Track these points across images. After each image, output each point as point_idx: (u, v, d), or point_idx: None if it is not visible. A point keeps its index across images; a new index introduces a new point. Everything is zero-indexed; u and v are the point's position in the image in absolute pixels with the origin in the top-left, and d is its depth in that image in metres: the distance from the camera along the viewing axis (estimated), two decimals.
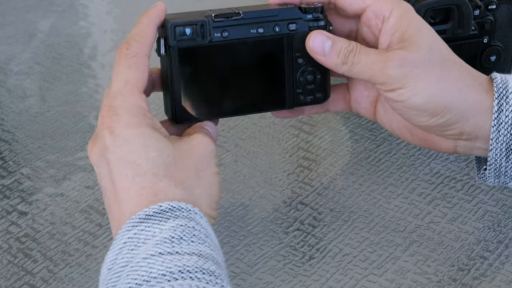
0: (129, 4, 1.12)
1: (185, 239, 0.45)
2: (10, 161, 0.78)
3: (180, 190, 0.49)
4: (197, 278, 0.42)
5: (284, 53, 0.58)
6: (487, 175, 0.56)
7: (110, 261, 0.45)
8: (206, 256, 0.44)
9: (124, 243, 0.45)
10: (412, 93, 0.53)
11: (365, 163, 0.74)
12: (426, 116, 0.54)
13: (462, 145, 0.57)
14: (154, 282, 0.41)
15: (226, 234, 0.66)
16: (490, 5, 0.76)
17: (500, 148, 0.53)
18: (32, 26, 1.06)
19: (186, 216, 0.46)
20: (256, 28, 0.57)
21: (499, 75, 0.53)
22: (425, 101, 0.53)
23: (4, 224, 0.70)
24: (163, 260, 0.43)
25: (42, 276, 0.63)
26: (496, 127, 0.52)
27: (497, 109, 0.52)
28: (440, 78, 0.53)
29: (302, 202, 0.70)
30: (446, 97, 0.53)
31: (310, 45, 0.57)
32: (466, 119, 0.54)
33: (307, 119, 0.81)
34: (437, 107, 0.53)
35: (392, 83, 0.53)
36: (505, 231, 0.65)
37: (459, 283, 0.60)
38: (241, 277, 0.62)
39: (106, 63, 0.96)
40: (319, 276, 0.62)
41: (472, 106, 0.53)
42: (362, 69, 0.55)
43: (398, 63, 0.53)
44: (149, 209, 0.47)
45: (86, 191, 0.73)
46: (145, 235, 0.45)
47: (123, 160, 0.49)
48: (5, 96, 0.90)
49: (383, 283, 0.61)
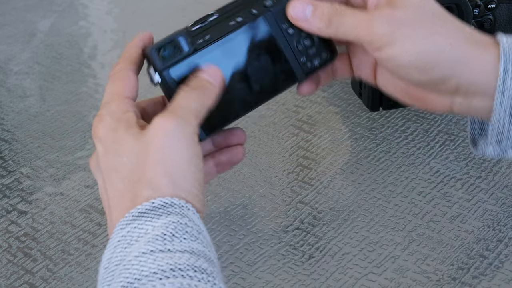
0: (129, 4, 1.12)
1: (177, 236, 0.45)
2: (10, 160, 0.78)
3: (148, 191, 0.48)
4: (188, 276, 0.42)
5: (272, 31, 0.57)
6: (488, 141, 0.55)
7: (106, 260, 0.45)
8: (198, 253, 0.44)
9: (118, 241, 0.46)
10: (400, 50, 0.52)
11: (365, 162, 0.74)
12: (417, 73, 0.53)
13: (458, 103, 0.56)
14: (145, 280, 0.41)
15: (226, 233, 0.67)
16: (490, 4, 0.76)
17: (504, 111, 0.52)
18: (32, 26, 1.06)
19: (178, 212, 0.47)
20: (235, 19, 0.56)
21: (505, 38, 0.52)
22: (414, 58, 0.52)
23: (4, 223, 0.70)
24: (155, 258, 0.43)
25: (41, 275, 0.63)
26: (501, 91, 0.52)
27: (503, 72, 0.51)
28: (429, 34, 0.52)
29: (302, 201, 0.70)
30: (436, 52, 0.52)
31: (291, 13, 0.56)
32: (460, 73, 0.53)
33: (306, 118, 0.81)
34: (427, 63, 0.52)
35: (379, 41, 0.52)
36: (504, 230, 0.65)
37: (459, 282, 0.60)
38: (240, 276, 0.62)
39: (106, 63, 0.97)
40: (318, 275, 0.62)
41: (467, 61, 0.53)
42: (348, 30, 0.54)
43: (384, 20, 0.52)
44: (142, 206, 0.47)
45: (85, 190, 0.73)
46: (138, 232, 0.45)
47: (109, 168, 0.50)
48: (5, 95, 0.90)
49: (383, 282, 0.61)
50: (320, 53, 0.59)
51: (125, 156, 0.49)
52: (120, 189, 0.49)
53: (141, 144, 0.49)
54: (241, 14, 0.56)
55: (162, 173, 0.48)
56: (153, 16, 1.08)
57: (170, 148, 0.48)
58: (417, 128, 0.78)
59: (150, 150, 0.49)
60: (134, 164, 0.49)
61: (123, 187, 0.49)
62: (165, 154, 0.48)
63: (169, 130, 0.49)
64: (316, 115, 0.82)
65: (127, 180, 0.49)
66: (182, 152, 0.48)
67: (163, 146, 0.48)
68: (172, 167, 0.48)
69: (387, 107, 0.80)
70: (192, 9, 1.09)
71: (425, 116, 0.80)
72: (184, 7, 1.10)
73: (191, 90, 0.52)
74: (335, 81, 0.87)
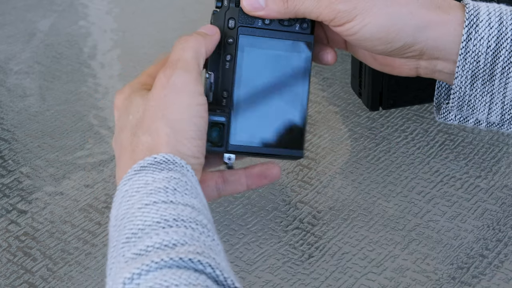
0: (129, 4, 1.12)
1: (179, 191, 0.45)
2: (10, 160, 0.78)
3: (146, 136, 0.50)
4: (191, 228, 0.42)
5: (241, 43, 0.56)
6: (450, 106, 0.55)
7: (114, 218, 0.46)
8: (198, 209, 0.45)
9: (122, 197, 0.47)
10: (362, 25, 0.53)
11: (365, 161, 0.74)
12: (380, 44, 0.53)
13: (423, 66, 0.56)
14: (149, 229, 0.42)
15: (226, 232, 0.67)
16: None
17: (466, 76, 0.53)
18: (32, 26, 1.06)
19: (179, 171, 0.47)
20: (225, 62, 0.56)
21: (471, 2, 0.53)
22: (376, 31, 0.53)
23: (4, 222, 0.70)
24: (158, 208, 0.44)
25: (41, 275, 0.63)
26: (463, 56, 0.52)
27: (466, 37, 0.51)
28: (388, 3, 0.52)
29: (302, 200, 0.70)
30: (397, 22, 0.52)
31: (245, 5, 0.56)
32: (424, 40, 0.53)
33: None
34: (389, 34, 0.53)
35: (341, 17, 0.53)
36: (504, 230, 0.65)
37: (458, 281, 0.60)
38: (240, 275, 0.62)
39: (106, 62, 0.97)
40: (318, 275, 0.62)
41: (429, 26, 0.53)
42: (308, 8, 0.54)
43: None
44: (144, 161, 0.48)
45: (85, 190, 0.73)
46: (138, 183, 0.46)
47: (119, 130, 0.53)
48: (5, 95, 0.90)
49: (382, 281, 0.60)
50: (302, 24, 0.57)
51: (131, 113, 0.51)
52: (125, 144, 0.50)
53: (145, 100, 0.51)
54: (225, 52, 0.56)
55: (160, 117, 0.49)
56: (153, 16, 1.08)
57: (169, 97, 0.50)
58: (417, 128, 0.78)
59: (151, 101, 0.50)
60: (137, 118, 0.50)
61: (126, 142, 0.50)
62: (164, 102, 0.50)
63: (168, 80, 0.50)
64: (316, 114, 0.82)
65: (130, 133, 0.50)
66: (181, 99, 0.50)
67: (162, 96, 0.50)
68: (170, 113, 0.49)
69: (386, 106, 0.80)
70: (192, 9, 1.09)
71: (425, 116, 0.80)
72: (184, 7, 1.10)
73: (185, 41, 0.53)
74: (335, 81, 0.87)
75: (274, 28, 0.59)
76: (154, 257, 0.40)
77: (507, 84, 0.54)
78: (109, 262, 0.44)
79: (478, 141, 0.72)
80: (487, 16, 0.52)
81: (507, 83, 0.54)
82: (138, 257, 0.41)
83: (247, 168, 0.59)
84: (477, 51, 0.52)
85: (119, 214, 0.46)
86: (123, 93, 0.56)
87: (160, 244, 0.42)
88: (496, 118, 0.55)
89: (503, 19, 0.52)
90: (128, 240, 0.43)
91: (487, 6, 0.52)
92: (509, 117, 0.54)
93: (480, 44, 0.53)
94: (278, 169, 0.61)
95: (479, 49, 0.52)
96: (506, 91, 0.54)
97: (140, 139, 0.51)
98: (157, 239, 0.42)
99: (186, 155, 0.51)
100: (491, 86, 0.54)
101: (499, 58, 0.52)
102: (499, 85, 0.53)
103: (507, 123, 0.55)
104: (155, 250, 0.41)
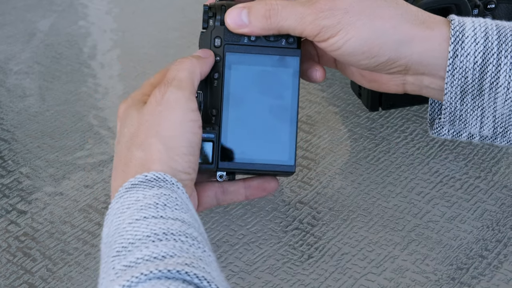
0: (129, 4, 1.12)
1: (169, 206, 0.46)
2: (10, 160, 0.78)
3: (139, 152, 0.51)
4: (180, 241, 0.43)
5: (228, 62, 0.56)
6: (442, 121, 0.55)
7: (105, 235, 0.47)
8: (189, 223, 0.46)
9: (114, 214, 0.47)
10: (345, 39, 0.52)
11: (364, 162, 0.74)
12: (365, 58, 0.53)
13: (410, 82, 0.56)
14: (139, 243, 0.43)
15: (225, 232, 0.67)
16: (489, 4, 0.76)
17: (455, 92, 0.53)
18: (31, 26, 1.06)
19: (169, 188, 0.48)
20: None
21: (456, 18, 0.52)
22: (359, 44, 0.52)
23: (4, 223, 0.70)
24: (148, 223, 0.44)
25: (41, 275, 0.63)
26: (451, 72, 0.52)
27: (452, 54, 0.51)
28: (372, 18, 0.52)
29: (301, 201, 0.70)
30: (379, 36, 0.52)
31: (230, 24, 0.55)
32: (408, 54, 0.53)
33: (306, 119, 0.81)
34: (372, 48, 0.52)
35: (325, 32, 0.52)
36: (503, 230, 0.65)
37: (458, 282, 0.60)
38: (240, 275, 0.62)
39: (106, 63, 0.97)
40: (318, 275, 0.62)
41: (413, 42, 0.52)
42: (292, 25, 0.53)
43: (328, 12, 0.52)
44: (135, 178, 0.49)
45: (85, 190, 0.73)
46: (129, 200, 0.47)
47: (116, 143, 0.54)
48: (4, 95, 0.90)
49: (382, 282, 0.61)
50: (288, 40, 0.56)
51: (127, 126, 0.52)
52: (119, 157, 0.52)
53: (140, 114, 0.52)
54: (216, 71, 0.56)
55: (153, 133, 0.50)
56: (153, 16, 1.08)
57: (163, 113, 0.51)
58: (417, 128, 0.79)
59: (145, 116, 0.51)
60: (132, 132, 0.52)
61: (121, 154, 0.52)
62: (158, 118, 0.51)
63: (162, 97, 0.51)
64: (315, 115, 0.82)
65: (124, 147, 0.51)
66: (175, 115, 0.50)
67: (157, 112, 0.51)
68: (163, 129, 0.50)
69: (386, 107, 0.80)
70: (192, 9, 1.09)
71: (424, 116, 0.80)
72: (184, 7, 1.10)
73: (180, 63, 0.53)
74: (334, 81, 0.87)
75: (260, 44, 0.58)
76: (143, 269, 0.41)
77: (496, 99, 0.54)
78: (100, 278, 0.44)
79: None
80: (473, 31, 0.51)
81: (496, 98, 0.54)
82: (128, 269, 0.42)
83: (246, 180, 0.60)
84: (464, 67, 0.52)
85: (110, 230, 0.47)
86: (124, 104, 0.57)
87: (150, 256, 0.42)
88: (489, 131, 0.55)
89: (488, 34, 0.52)
90: (118, 253, 0.44)
91: (472, 21, 0.52)
92: (501, 130, 0.54)
93: (467, 60, 0.52)
94: (276, 182, 0.62)
95: (466, 65, 0.52)
96: (496, 105, 0.54)
97: (133, 154, 0.52)
98: (147, 251, 0.43)
99: (178, 171, 0.51)
100: (481, 101, 0.53)
101: (486, 74, 0.52)
102: (488, 100, 0.53)
103: (500, 136, 0.55)
104: (144, 262, 0.42)
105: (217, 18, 0.55)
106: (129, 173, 0.50)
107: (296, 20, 0.53)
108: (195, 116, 0.51)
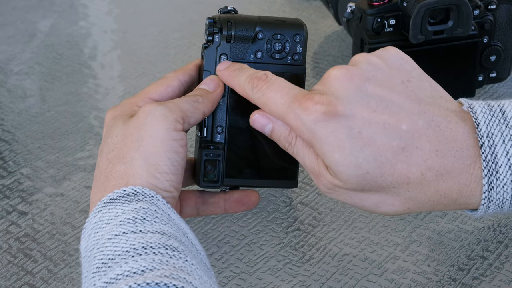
0: (129, 4, 1.12)
1: (148, 220, 0.46)
2: (10, 161, 0.78)
3: (120, 165, 0.51)
4: (160, 253, 0.43)
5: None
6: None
7: (83, 249, 0.47)
8: (169, 234, 0.46)
9: (92, 228, 0.47)
10: (385, 208, 0.51)
11: None
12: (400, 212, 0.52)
13: (442, 205, 0.53)
14: (118, 259, 0.43)
15: (226, 233, 0.67)
16: (490, 5, 0.76)
17: (489, 215, 0.50)
18: (32, 26, 1.06)
19: (148, 201, 0.48)
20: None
21: (486, 140, 0.45)
22: (394, 211, 0.51)
23: (4, 224, 0.70)
24: (127, 238, 0.44)
25: (42, 276, 0.63)
26: (486, 205, 0.48)
27: (488, 187, 0.46)
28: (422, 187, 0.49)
29: (302, 202, 0.70)
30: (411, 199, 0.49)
31: (253, 125, 0.54)
32: (443, 189, 0.50)
33: None
34: (408, 211, 0.51)
35: None
36: (505, 231, 0.65)
37: (459, 283, 0.60)
38: (241, 277, 0.62)
39: (106, 63, 0.97)
40: (319, 276, 0.62)
41: (450, 177, 0.49)
42: (304, 163, 0.52)
43: (332, 190, 0.51)
44: (113, 193, 0.49)
45: (86, 191, 0.73)
46: (108, 215, 0.47)
47: (99, 152, 0.55)
48: (5, 96, 0.90)
49: (383, 283, 0.61)
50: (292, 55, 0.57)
51: (110, 137, 0.52)
52: (101, 168, 0.52)
53: (125, 126, 0.52)
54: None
55: (135, 148, 0.50)
56: (153, 16, 1.08)
57: (146, 129, 0.50)
58: None
59: (130, 129, 0.51)
60: (114, 143, 0.52)
61: (102, 165, 0.52)
62: (143, 133, 0.50)
63: (149, 113, 0.51)
64: None
65: (106, 158, 0.52)
66: (158, 132, 0.50)
67: (140, 126, 0.51)
68: (146, 145, 0.50)
69: None
70: (192, 9, 1.09)
71: None
72: (184, 7, 1.10)
73: (186, 97, 0.53)
74: None
75: (266, 62, 0.59)
76: (122, 284, 0.41)
77: None
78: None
79: None
80: (506, 158, 0.45)
81: None
82: (109, 285, 0.42)
83: (227, 193, 0.60)
84: (502, 198, 0.48)
85: (88, 245, 0.47)
86: (113, 112, 0.57)
87: (129, 272, 0.42)
88: None
89: None
90: (99, 269, 0.44)
91: (504, 144, 0.45)
92: None
93: (504, 190, 0.48)
94: (257, 197, 0.62)
95: (503, 196, 0.47)
96: None
97: (114, 167, 0.51)
98: (126, 267, 0.43)
99: (158, 189, 0.51)
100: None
101: None
102: None
103: None
104: (124, 278, 0.42)
105: (224, 34, 0.55)
106: (108, 187, 0.50)
107: (308, 164, 0.51)
108: (178, 135, 0.51)
